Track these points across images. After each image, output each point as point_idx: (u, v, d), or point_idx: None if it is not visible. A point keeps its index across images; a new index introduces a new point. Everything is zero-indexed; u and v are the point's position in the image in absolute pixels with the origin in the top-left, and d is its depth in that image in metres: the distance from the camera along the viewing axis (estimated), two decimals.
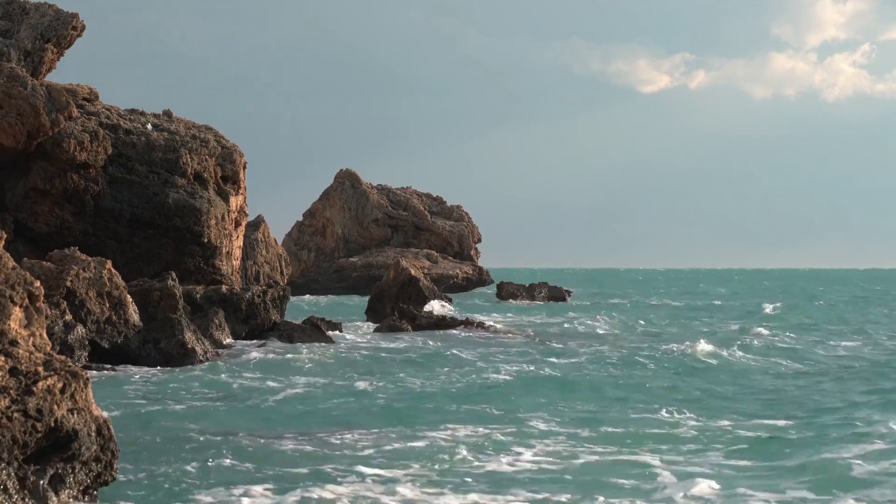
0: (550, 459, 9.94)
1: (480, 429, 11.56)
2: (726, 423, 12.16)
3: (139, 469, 9.16)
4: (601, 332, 28.43)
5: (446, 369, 18.08)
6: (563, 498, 8.41)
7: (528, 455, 10.13)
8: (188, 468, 9.31)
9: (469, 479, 9.05)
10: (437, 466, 9.56)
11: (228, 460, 9.73)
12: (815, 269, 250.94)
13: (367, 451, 10.24)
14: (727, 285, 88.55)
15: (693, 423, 12.18)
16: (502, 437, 11.04)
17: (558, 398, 14.26)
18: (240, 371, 17.15)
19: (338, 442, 10.80)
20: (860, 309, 42.92)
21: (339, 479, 9.00)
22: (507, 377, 16.84)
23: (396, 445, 10.56)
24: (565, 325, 30.87)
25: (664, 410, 13.07)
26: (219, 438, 10.89)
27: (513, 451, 10.29)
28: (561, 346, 23.05)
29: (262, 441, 10.82)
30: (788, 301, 50.02)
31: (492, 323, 29.47)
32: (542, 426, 11.88)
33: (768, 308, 41.32)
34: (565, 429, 11.72)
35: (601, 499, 8.33)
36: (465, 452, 10.16)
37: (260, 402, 13.76)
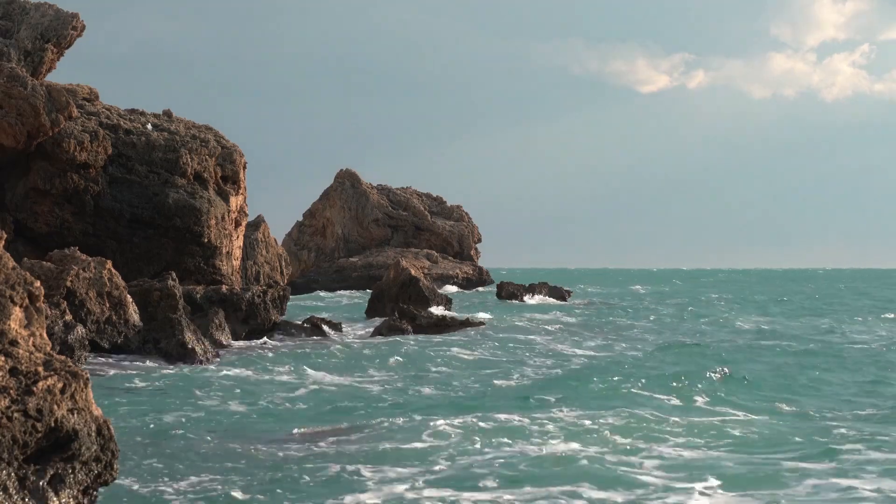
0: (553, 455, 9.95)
1: (482, 428, 11.56)
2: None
3: (140, 468, 9.17)
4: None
5: (446, 369, 18.09)
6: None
7: (526, 453, 10.14)
8: (188, 469, 9.31)
9: (473, 477, 9.05)
10: (439, 464, 9.56)
11: (227, 461, 9.73)
12: (812, 269, 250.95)
13: (367, 451, 10.23)
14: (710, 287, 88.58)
15: None
16: (502, 437, 11.04)
17: (564, 395, 14.26)
18: (239, 371, 17.14)
19: (339, 442, 10.80)
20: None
21: (348, 480, 8.99)
22: (506, 377, 16.84)
23: (398, 445, 10.55)
24: (565, 324, 30.91)
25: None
26: (219, 438, 10.89)
27: (517, 449, 10.29)
28: (564, 344, 23.09)
29: (263, 441, 10.81)
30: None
31: (492, 323, 29.48)
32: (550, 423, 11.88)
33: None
34: (563, 429, 11.72)
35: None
36: (468, 452, 10.16)
37: (258, 403, 13.76)
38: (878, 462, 9.79)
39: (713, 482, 8.89)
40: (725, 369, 17.16)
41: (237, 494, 8.39)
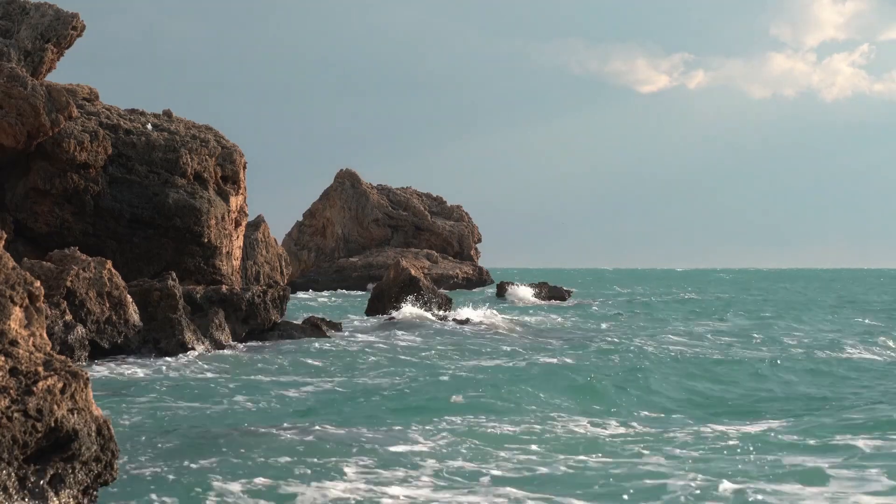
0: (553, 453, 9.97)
1: (479, 428, 11.59)
2: None
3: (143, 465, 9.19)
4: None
5: (444, 369, 18.09)
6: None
7: (520, 454, 10.16)
8: (187, 467, 9.33)
9: (470, 476, 9.07)
10: (431, 464, 9.58)
11: (230, 456, 9.74)
12: (810, 269, 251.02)
13: (364, 450, 10.25)
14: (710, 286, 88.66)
15: None
16: (497, 439, 11.07)
17: (553, 393, 14.29)
18: (239, 371, 17.16)
19: (337, 441, 10.82)
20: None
21: (347, 477, 9.02)
22: (505, 376, 16.84)
23: (392, 445, 10.57)
24: (567, 324, 30.96)
25: None
26: (219, 437, 10.90)
27: (510, 452, 10.31)
28: (557, 341, 23.12)
29: (263, 439, 10.83)
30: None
31: (491, 322, 29.50)
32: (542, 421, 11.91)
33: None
34: (555, 424, 11.75)
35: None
36: (464, 453, 10.19)
37: (258, 402, 13.78)
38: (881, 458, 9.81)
39: (713, 487, 8.90)
40: (709, 375, 17.21)
41: (236, 490, 8.42)
